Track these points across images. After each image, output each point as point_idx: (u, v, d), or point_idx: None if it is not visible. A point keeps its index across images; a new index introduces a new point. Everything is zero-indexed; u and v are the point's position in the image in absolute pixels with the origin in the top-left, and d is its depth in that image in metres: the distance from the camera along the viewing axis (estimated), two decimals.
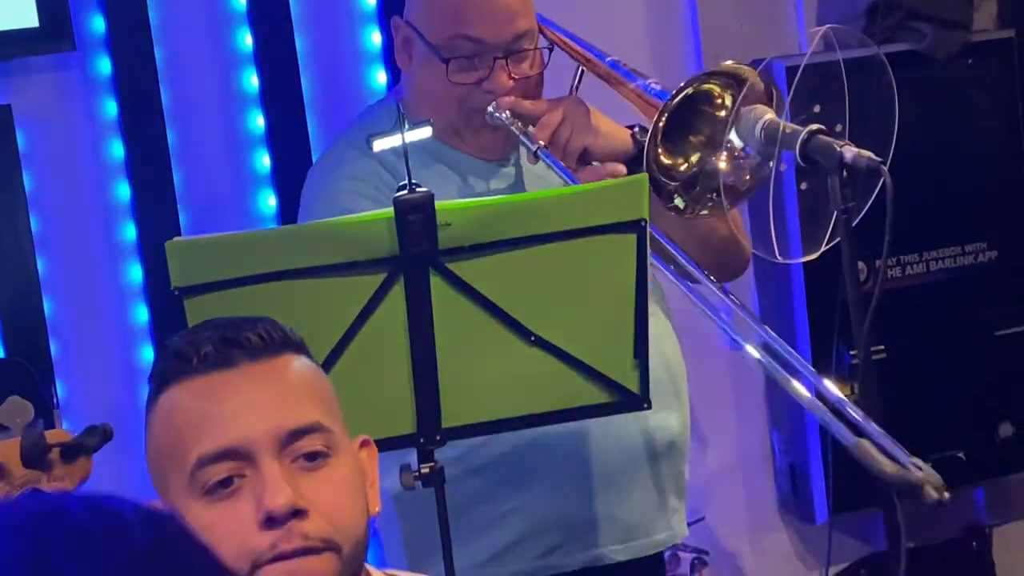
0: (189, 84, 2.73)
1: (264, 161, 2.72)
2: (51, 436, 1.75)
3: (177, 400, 1.26)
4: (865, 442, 1.73)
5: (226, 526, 1.22)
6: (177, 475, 1.20)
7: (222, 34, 2.77)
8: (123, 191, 2.66)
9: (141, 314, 2.69)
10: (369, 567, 1.35)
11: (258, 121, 2.72)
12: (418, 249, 1.78)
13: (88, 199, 2.70)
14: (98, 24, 2.63)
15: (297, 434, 1.23)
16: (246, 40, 2.72)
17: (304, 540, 1.21)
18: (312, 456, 1.24)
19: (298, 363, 1.30)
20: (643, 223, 1.84)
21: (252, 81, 2.74)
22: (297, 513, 1.21)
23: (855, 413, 1.87)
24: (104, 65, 2.63)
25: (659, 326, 2.15)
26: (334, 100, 2.86)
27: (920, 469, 1.69)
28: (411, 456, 1.83)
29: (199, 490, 1.22)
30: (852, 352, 2.63)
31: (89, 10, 2.63)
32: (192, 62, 2.71)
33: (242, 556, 1.20)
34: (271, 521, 1.20)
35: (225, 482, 1.22)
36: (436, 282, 1.83)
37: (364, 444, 1.35)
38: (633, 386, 1.94)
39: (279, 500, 1.20)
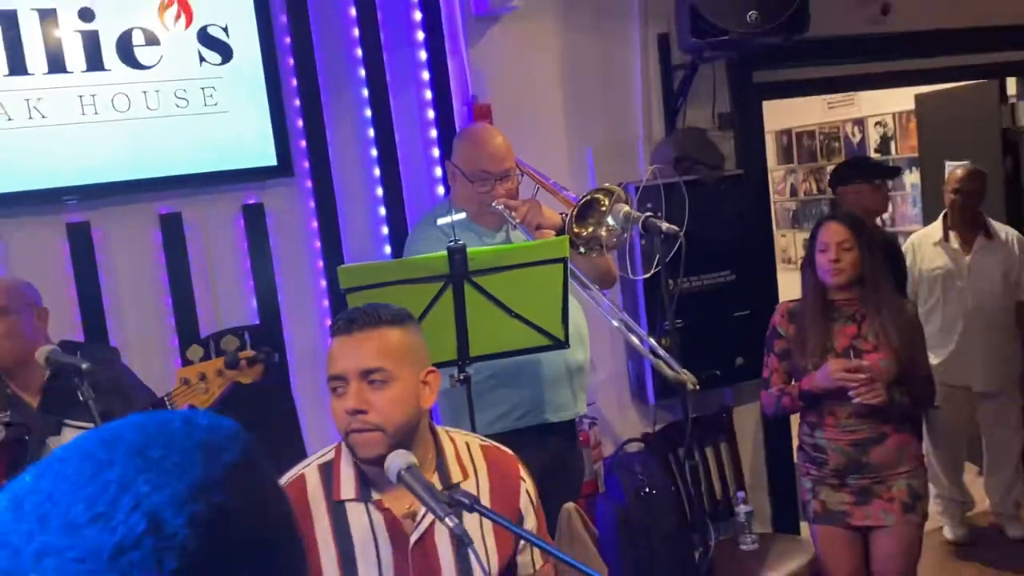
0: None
1: (384, 230, 3.28)
2: (241, 355, 2.34)
3: (331, 346, 1.72)
4: (661, 363, 2.46)
5: (337, 411, 1.68)
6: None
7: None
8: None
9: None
10: (437, 427, 1.84)
11: (381, 211, 3.28)
12: (459, 270, 2.21)
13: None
14: (304, 162, 3.16)
15: (368, 372, 1.65)
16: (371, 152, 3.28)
17: (362, 424, 1.65)
18: (374, 382, 1.65)
19: (383, 332, 1.68)
20: (565, 259, 2.32)
21: (378, 192, 3.28)
22: (360, 411, 1.64)
23: (663, 352, 2.48)
24: (308, 184, 3.18)
25: (575, 309, 2.60)
26: (421, 201, 3.33)
27: (685, 374, 2.37)
28: (454, 370, 2.30)
29: (331, 391, 1.69)
30: (666, 324, 2.93)
31: (300, 156, 3.15)
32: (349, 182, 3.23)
33: (340, 426, 1.69)
34: (349, 412, 1.65)
35: (336, 389, 1.68)
36: (468, 287, 2.24)
37: (430, 372, 1.74)
38: (561, 337, 2.39)
39: (350, 403, 1.65)
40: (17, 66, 2.82)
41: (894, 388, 2.73)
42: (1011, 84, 4.79)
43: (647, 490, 3.23)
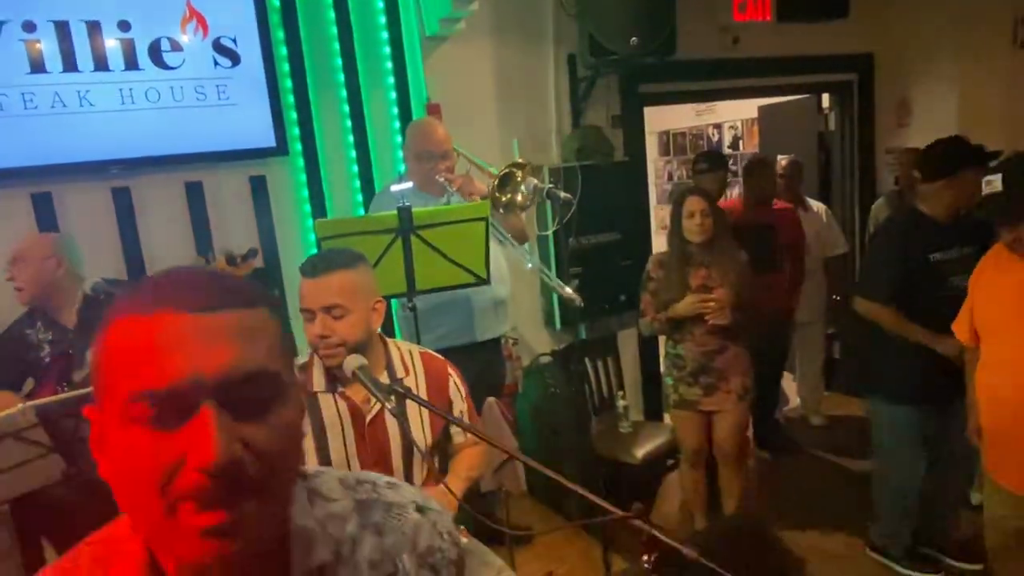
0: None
1: (358, 197, 3.20)
2: (235, 253, 2.56)
3: (300, 285, 1.67)
4: (556, 285, 2.49)
5: (308, 333, 1.66)
6: None
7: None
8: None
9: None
10: (387, 339, 1.80)
11: (355, 182, 3.18)
12: (406, 225, 2.17)
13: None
14: (296, 144, 3.06)
15: (329, 308, 1.62)
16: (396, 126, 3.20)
17: (327, 345, 1.63)
18: (335, 315, 1.62)
19: (339, 274, 1.62)
20: (486, 218, 2.28)
21: (353, 168, 3.18)
22: (325, 336, 1.63)
23: (568, 291, 2.47)
24: (300, 162, 3.11)
25: (499, 256, 2.64)
26: (385, 175, 3.21)
27: (575, 296, 2.41)
28: (404, 300, 2.28)
29: (303, 319, 1.68)
30: (571, 271, 3.47)
31: (293, 139, 3.05)
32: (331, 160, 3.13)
33: (311, 344, 1.66)
34: (317, 336, 1.64)
35: (306, 319, 1.67)
36: (414, 238, 2.20)
37: (379, 301, 1.70)
38: (484, 276, 2.35)
39: (317, 330, 1.63)
40: (70, 65, 2.71)
41: (734, 313, 2.81)
42: (825, 99, 4.86)
43: (553, 390, 3.34)
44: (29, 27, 2.64)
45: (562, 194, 2.41)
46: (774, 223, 3.63)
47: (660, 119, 6.62)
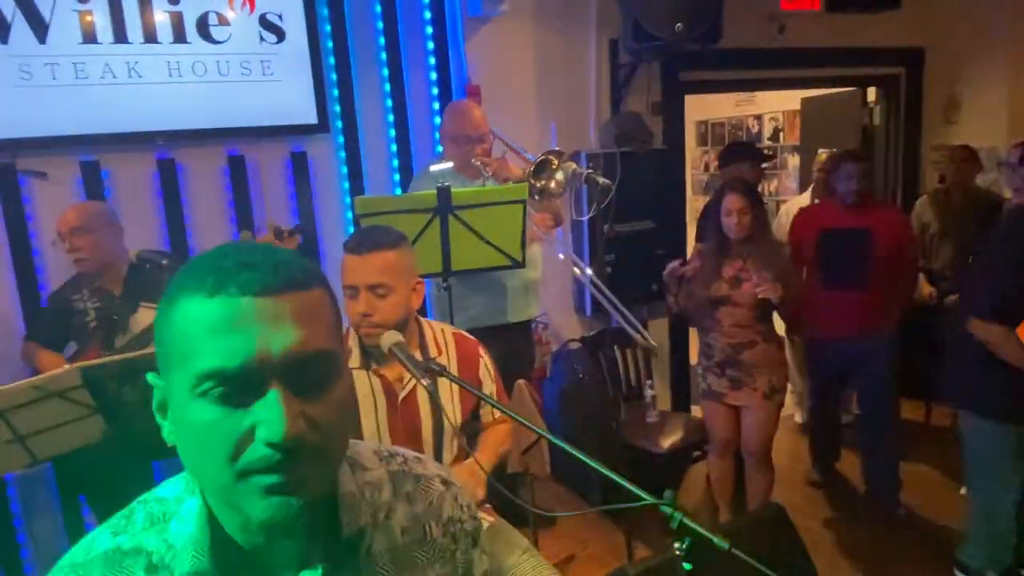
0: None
1: (395, 176, 3.21)
2: (282, 228, 2.54)
3: (344, 260, 1.65)
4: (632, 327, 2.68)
5: (350, 311, 1.64)
6: None
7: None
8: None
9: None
10: (421, 319, 1.80)
11: (393, 161, 3.21)
12: (444, 205, 2.19)
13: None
14: (337, 122, 3.08)
15: (373, 286, 1.62)
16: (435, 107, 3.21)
17: (369, 323, 1.63)
18: (378, 293, 1.63)
19: (383, 254, 1.62)
20: (524, 201, 2.30)
21: (392, 147, 3.18)
22: (367, 315, 1.64)
23: (597, 280, 2.71)
24: (340, 139, 3.11)
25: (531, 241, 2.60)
26: (423, 154, 3.21)
27: (654, 344, 2.65)
28: (440, 280, 2.30)
29: (345, 296, 1.66)
30: (606, 258, 3.42)
31: (334, 117, 3.07)
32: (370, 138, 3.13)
33: (352, 321, 1.65)
34: (360, 314, 1.64)
35: (349, 295, 1.66)
36: (451, 219, 2.22)
37: (419, 282, 1.71)
38: (520, 259, 2.37)
39: (360, 308, 1.65)
40: (120, 37, 2.74)
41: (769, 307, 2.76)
42: (871, 93, 4.72)
43: (581, 376, 3.31)
44: None
45: (601, 179, 2.38)
46: (871, 227, 3.06)
47: (699, 108, 6.51)
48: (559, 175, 2.46)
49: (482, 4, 3.16)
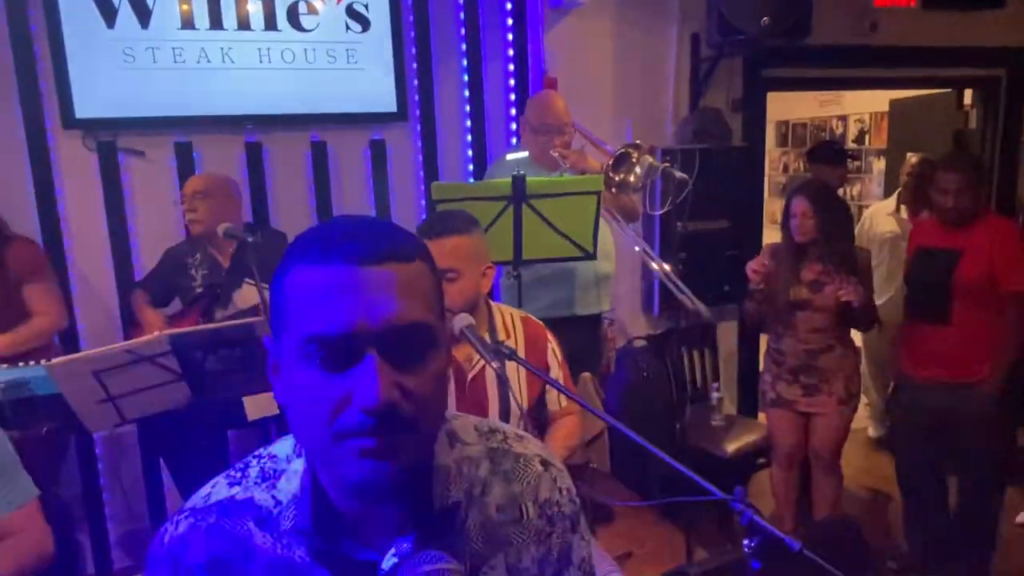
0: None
1: (470, 167, 3.24)
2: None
3: None
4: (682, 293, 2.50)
5: None
6: None
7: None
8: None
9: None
10: (491, 303, 1.82)
11: (468, 151, 3.22)
12: (519, 194, 2.20)
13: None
14: (416, 110, 3.12)
15: (443, 271, 1.59)
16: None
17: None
18: (447, 278, 1.63)
19: (454, 239, 1.65)
20: (599, 192, 2.29)
21: (468, 137, 3.21)
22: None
23: (673, 274, 2.54)
24: (418, 127, 3.15)
25: (606, 234, 2.63)
26: (499, 143, 3.26)
27: (705, 310, 2.44)
28: (510, 268, 2.31)
29: None
30: (679, 256, 3.40)
31: (413, 105, 3.12)
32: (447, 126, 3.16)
33: None
34: None
35: None
36: (525, 207, 2.23)
37: (489, 267, 1.74)
38: (591, 250, 2.34)
39: None
40: (216, 23, 2.86)
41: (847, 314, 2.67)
42: (967, 95, 4.46)
43: (645, 375, 3.27)
44: None
45: (678, 174, 2.35)
46: (963, 249, 2.60)
47: (780, 108, 6.31)
48: (638, 169, 2.45)
49: None
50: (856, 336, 2.89)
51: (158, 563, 0.72)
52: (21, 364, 2.13)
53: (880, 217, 3.92)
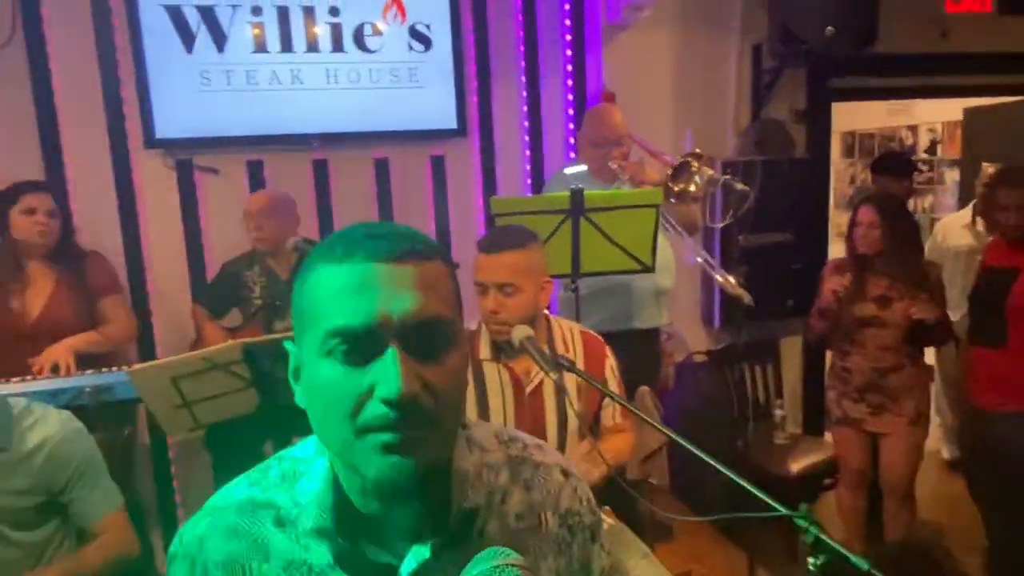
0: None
1: (528, 181, 3.29)
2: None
3: (477, 258, 1.70)
4: (727, 282, 2.42)
5: (481, 306, 1.71)
6: None
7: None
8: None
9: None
10: (550, 316, 1.83)
11: (526, 166, 3.28)
12: (577, 207, 2.18)
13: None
14: (475, 127, 3.19)
15: (501, 285, 1.67)
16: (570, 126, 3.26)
17: (497, 320, 1.67)
18: (506, 292, 1.66)
19: (513, 254, 1.66)
20: (658, 206, 2.26)
21: (526, 152, 3.25)
22: (495, 312, 1.67)
23: (734, 284, 2.46)
24: (477, 143, 3.22)
25: (665, 246, 2.59)
26: (556, 159, 3.30)
27: (743, 292, 2.38)
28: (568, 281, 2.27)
29: (477, 291, 1.70)
30: (737, 269, 3.22)
31: (473, 122, 3.18)
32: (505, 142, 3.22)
33: (483, 316, 1.71)
34: (488, 311, 1.71)
35: (480, 291, 1.72)
36: (583, 221, 2.21)
37: (547, 281, 1.75)
38: (650, 263, 2.31)
39: (489, 305, 1.71)
40: (286, 47, 2.99)
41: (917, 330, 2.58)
42: None
43: (705, 390, 3.23)
44: (256, 11, 2.95)
45: (739, 185, 2.31)
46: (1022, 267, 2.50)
47: (846, 118, 6.12)
48: (698, 179, 2.43)
49: (623, 11, 3.17)
50: (929, 353, 2.77)
51: (176, 561, 0.73)
52: (104, 370, 2.24)
53: (954, 230, 3.75)
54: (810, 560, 1.13)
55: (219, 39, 2.93)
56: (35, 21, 2.72)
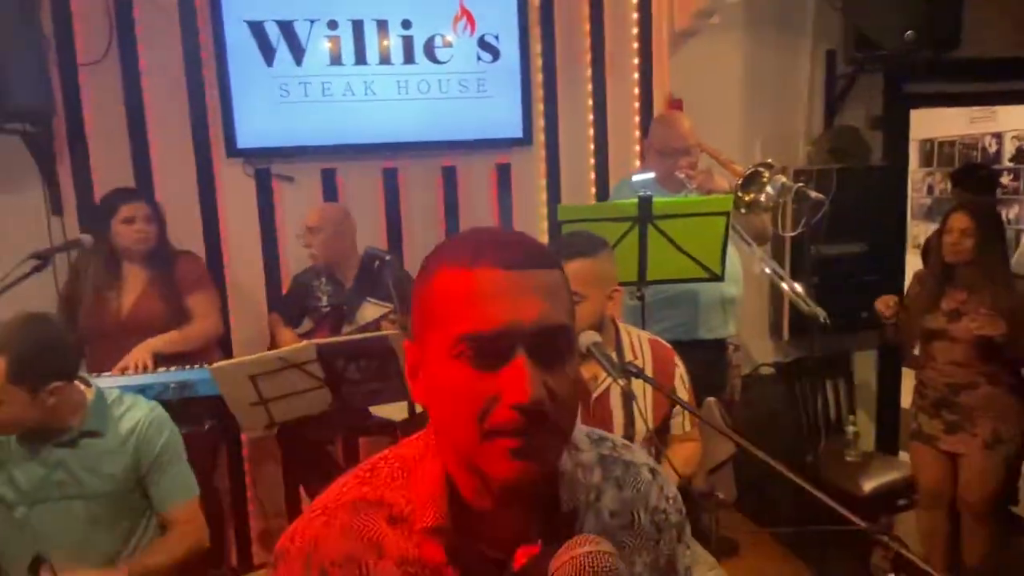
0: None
1: (592, 190, 3.27)
2: None
3: None
4: (799, 299, 2.47)
5: None
6: None
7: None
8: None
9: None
10: (619, 323, 1.81)
11: (591, 174, 3.29)
12: (644, 214, 2.18)
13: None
14: (540, 135, 3.20)
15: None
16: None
17: None
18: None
19: (580, 262, 1.65)
20: (727, 213, 2.25)
21: (590, 160, 3.24)
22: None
23: (805, 296, 2.50)
24: (542, 152, 3.24)
25: (734, 256, 2.59)
26: (621, 166, 3.27)
27: (817, 309, 2.39)
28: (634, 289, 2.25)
29: None
30: (810, 281, 3.25)
31: (538, 131, 3.19)
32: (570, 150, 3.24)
33: None
34: None
35: None
36: (650, 228, 2.21)
37: (616, 290, 1.75)
38: (719, 272, 2.32)
39: None
40: (360, 59, 3.07)
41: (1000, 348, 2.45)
42: None
43: (773, 404, 3.16)
44: (332, 25, 3.05)
45: (813, 194, 2.28)
46: None
47: (923, 125, 5.88)
48: (769, 188, 2.40)
49: (691, 17, 3.15)
50: None
51: (289, 560, 0.73)
52: (188, 367, 2.36)
53: None
54: None
55: (297, 53, 3.04)
56: (129, 38, 2.89)
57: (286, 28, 3.00)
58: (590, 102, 3.29)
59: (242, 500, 3.18)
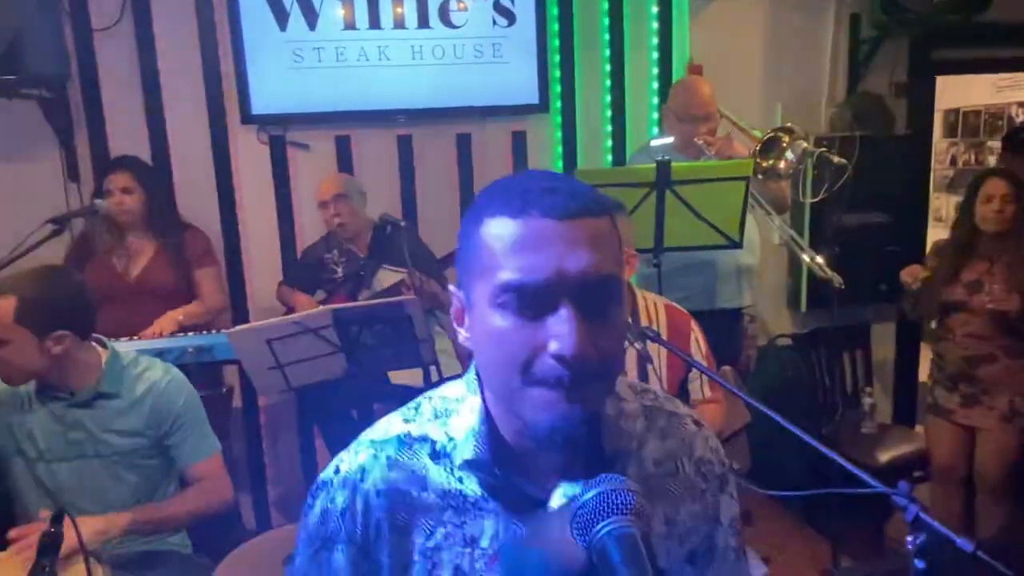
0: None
1: (608, 157, 3.24)
2: None
3: None
4: (815, 265, 2.47)
5: None
6: None
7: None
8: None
9: None
10: (635, 288, 1.86)
11: (607, 142, 3.24)
12: (663, 179, 2.15)
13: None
14: (557, 102, 3.18)
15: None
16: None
17: None
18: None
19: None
20: (747, 178, 2.20)
21: (607, 127, 3.22)
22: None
23: (823, 265, 2.48)
24: (558, 119, 3.22)
25: (752, 224, 2.54)
26: (638, 133, 3.24)
27: (833, 275, 2.39)
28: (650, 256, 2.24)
29: None
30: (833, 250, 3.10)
31: (554, 97, 3.17)
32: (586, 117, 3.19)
33: None
34: None
35: None
36: (668, 193, 2.18)
37: (632, 255, 1.78)
38: (737, 239, 2.28)
39: None
40: (375, 24, 3.02)
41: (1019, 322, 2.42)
42: None
43: (789, 375, 3.13)
44: None
45: (836, 159, 2.22)
46: None
47: (947, 94, 5.73)
48: (789, 154, 2.36)
49: None
50: None
51: (331, 489, 0.75)
52: (206, 332, 2.38)
53: None
54: (909, 539, 1.09)
55: (311, 17, 3.01)
56: (142, 3, 2.87)
57: None
58: (608, 67, 3.24)
59: (259, 465, 3.22)
